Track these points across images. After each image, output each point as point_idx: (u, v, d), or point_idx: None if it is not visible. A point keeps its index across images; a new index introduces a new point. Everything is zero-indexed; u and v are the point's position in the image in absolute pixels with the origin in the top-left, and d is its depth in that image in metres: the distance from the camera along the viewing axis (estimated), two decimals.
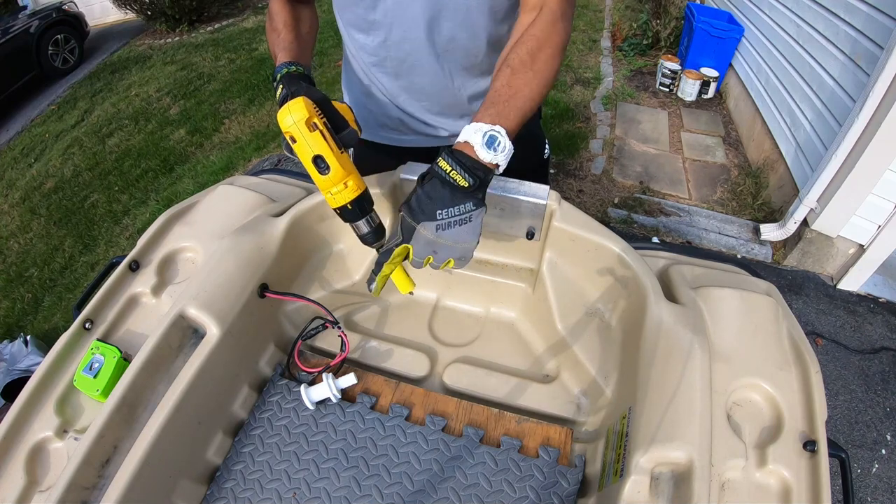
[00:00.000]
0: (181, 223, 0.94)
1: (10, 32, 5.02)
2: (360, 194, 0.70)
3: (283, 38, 0.84)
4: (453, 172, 0.62)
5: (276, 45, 0.84)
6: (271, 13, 0.89)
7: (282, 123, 0.65)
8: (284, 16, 0.87)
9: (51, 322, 2.60)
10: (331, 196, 0.70)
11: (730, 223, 2.70)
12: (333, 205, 0.71)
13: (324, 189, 0.69)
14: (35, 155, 4.17)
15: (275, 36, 0.86)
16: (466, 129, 0.65)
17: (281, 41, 0.84)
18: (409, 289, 0.75)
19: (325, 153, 0.66)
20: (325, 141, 0.66)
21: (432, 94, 0.96)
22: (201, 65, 5.05)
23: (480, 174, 0.63)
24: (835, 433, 1.85)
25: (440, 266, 0.67)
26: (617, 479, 0.64)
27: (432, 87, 0.94)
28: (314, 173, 0.67)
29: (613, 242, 0.80)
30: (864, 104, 1.95)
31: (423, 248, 0.65)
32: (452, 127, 1.03)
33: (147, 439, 0.64)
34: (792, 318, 0.78)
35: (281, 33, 0.85)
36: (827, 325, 2.22)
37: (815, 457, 0.62)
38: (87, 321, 0.81)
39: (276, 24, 0.87)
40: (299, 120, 0.63)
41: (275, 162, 3.35)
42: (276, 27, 0.86)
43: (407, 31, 0.85)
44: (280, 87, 0.75)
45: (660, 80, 3.85)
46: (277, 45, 0.84)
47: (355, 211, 0.71)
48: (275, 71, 0.79)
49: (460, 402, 0.82)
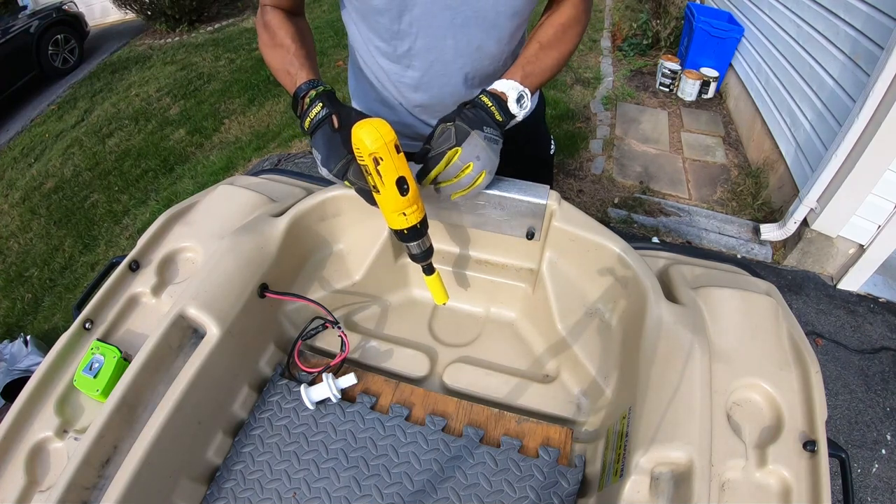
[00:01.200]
0: (181, 223, 0.94)
1: (10, 32, 5.02)
2: (424, 214, 0.74)
3: (295, 54, 0.82)
4: (493, 108, 0.76)
5: (288, 61, 0.81)
6: (270, 27, 0.86)
7: (368, 142, 0.64)
8: (289, 29, 0.85)
9: (51, 322, 2.60)
10: (404, 217, 0.71)
11: (730, 223, 2.70)
12: (404, 225, 0.72)
13: (398, 210, 0.70)
14: (35, 155, 4.16)
15: (282, 52, 0.83)
16: (503, 83, 0.78)
17: (294, 57, 0.81)
18: (445, 300, 0.82)
19: (407, 174, 0.68)
20: (405, 162, 0.68)
21: (450, 104, 0.96)
22: (201, 65, 5.05)
23: (507, 118, 0.78)
24: (835, 433, 1.85)
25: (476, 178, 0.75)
26: (617, 479, 0.64)
27: (452, 97, 0.94)
28: (394, 195, 0.68)
29: (613, 242, 0.80)
30: (864, 104, 1.95)
31: (469, 153, 0.74)
32: None
33: (147, 439, 0.64)
34: (792, 318, 0.78)
35: (290, 49, 0.82)
36: (827, 325, 2.22)
37: (815, 457, 0.62)
38: (87, 321, 0.81)
39: (281, 39, 0.84)
40: (390, 141, 0.65)
41: (275, 162, 3.35)
42: (280, 42, 0.84)
43: (433, 40, 0.85)
44: (319, 105, 0.74)
45: (660, 80, 3.85)
46: (290, 61, 0.81)
47: (421, 230, 0.74)
48: (300, 89, 0.77)
49: (460, 402, 0.82)
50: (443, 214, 0.92)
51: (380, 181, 0.67)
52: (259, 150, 3.56)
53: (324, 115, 0.73)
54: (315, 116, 0.73)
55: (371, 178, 0.67)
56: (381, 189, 0.68)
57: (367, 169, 0.67)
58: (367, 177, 0.68)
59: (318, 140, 0.73)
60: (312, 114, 0.74)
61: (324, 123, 0.73)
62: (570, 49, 0.87)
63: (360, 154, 0.66)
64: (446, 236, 0.96)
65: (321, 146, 0.73)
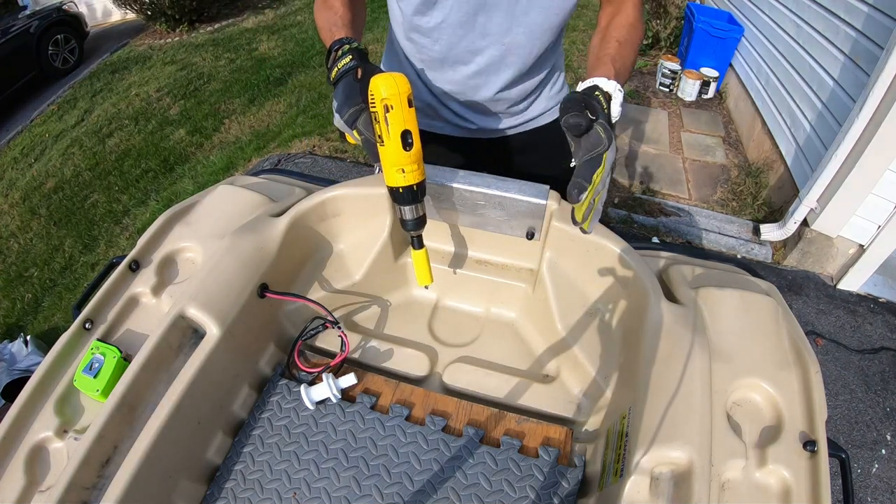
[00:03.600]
0: (181, 223, 0.94)
1: (10, 32, 5.03)
2: (424, 178, 0.74)
3: (342, 16, 0.86)
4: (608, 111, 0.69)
5: (333, 21, 0.85)
6: None
7: (383, 90, 0.64)
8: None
9: (51, 322, 2.60)
10: (403, 174, 0.71)
11: (730, 223, 2.70)
12: (401, 182, 0.72)
13: (398, 164, 0.70)
14: (35, 155, 4.17)
15: (331, 13, 0.87)
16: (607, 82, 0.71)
17: (339, 18, 0.85)
18: (429, 281, 0.80)
19: (414, 130, 0.68)
20: (416, 119, 0.68)
21: (468, 89, 0.98)
22: (201, 65, 5.05)
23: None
24: (835, 433, 1.85)
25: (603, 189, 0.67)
26: (617, 479, 0.64)
27: (473, 79, 0.95)
28: (397, 147, 0.68)
29: (613, 242, 0.80)
30: (864, 104, 1.95)
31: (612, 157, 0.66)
32: (481, 122, 1.05)
33: (147, 439, 0.64)
34: (792, 318, 0.78)
35: (338, 11, 0.86)
36: (827, 325, 2.22)
37: (815, 457, 0.62)
38: (87, 321, 0.81)
39: (332, 3, 0.88)
40: (403, 92, 0.65)
41: (275, 162, 3.35)
42: (331, 5, 0.88)
43: (466, 16, 0.86)
44: (349, 58, 0.75)
45: (660, 80, 3.85)
46: (334, 21, 0.85)
47: (417, 194, 0.74)
48: (336, 42, 0.79)
49: (460, 402, 0.82)
50: (443, 214, 0.92)
51: (386, 130, 0.67)
52: (259, 150, 3.56)
53: (350, 67, 0.74)
54: (343, 67, 0.74)
55: (378, 126, 0.68)
56: (386, 140, 0.68)
57: (377, 116, 0.67)
58: (374, 125, 0.69)
59: (339, 88, 0.74)
60: (341, 64, 0.75)
61: (349, 74, 0.74)
62: (638, 49, 0.87)
63: (374, 101, 0.66)
64: (446, 236, 0.96)
65: (340, 94, 0.74)
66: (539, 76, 1.00)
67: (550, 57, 0.99)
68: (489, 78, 0.95)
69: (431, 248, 0.97)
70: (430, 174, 0.83)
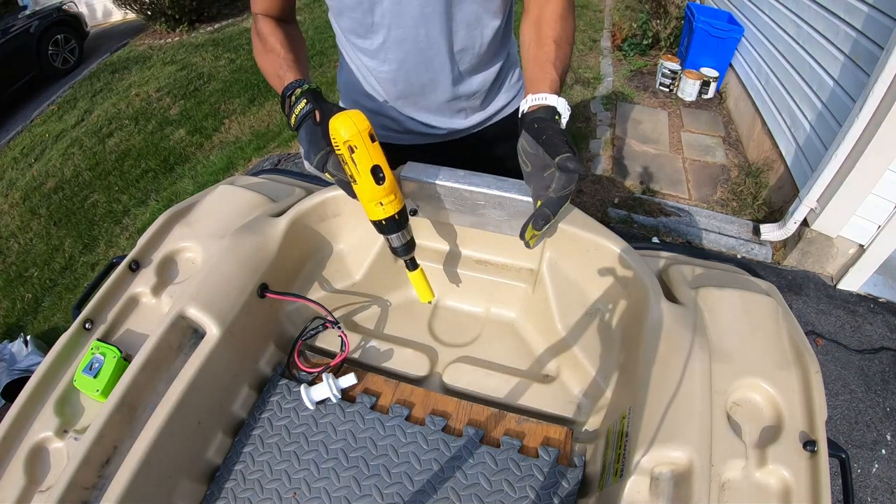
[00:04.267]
0: (181, 223, 0.94)
1: (10, 32, 5.03)
2: (403, 205, 0.75)
3: (285, 58, 0.84)
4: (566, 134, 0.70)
5: (278, 65, 0.84)
6: (262, 35, 0.89)
7: (343, 132, 0.65)
8: (280, 36, 0.88)
9: (51, 322, 2.60)
10: (381, 207, 0.72)
11: (730, 223, 2.70)
12: (382, 215, 0.73)
13: (375, 199, 0.71)
14: (35, 155, 4.17)
15: (273, 57, 0.85)
16: (560, 102, 0.74)
17: (283, 60, 0.84)
18: (430, 298, 0.83)
19: (382, 163, 0.69)
20: (381, 152, 0.69)
21: (429, 96, 0.98)
22: (201, 65, 5.05)
23: None
24: (835, 433, 1.85)
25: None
26: (617, 479, 0.64)
27: (430, 88, 0.96)
28: (370, 183, 0.69)
29: (613, 242, 0.80)
30: (864, 104, 1.95)
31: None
32: (447, 124, 1.05)
33: (147, 439, 0.64)
34: (792, 318, 0.78)
35: (280, 53, 0.85)
36: (827, 325, 2.22)
37: (815, 457, 0.62)
38: (87, 321, 0.81)
39: (272, 44, 0.87)
40: (363, 130, 0.66)
41: (275, 162, 3.35)
42: (271, 48, 0.86)
43: (405, 30, 0.86)
44: (304, 102, 0.75)
45: (660, 80, 3.85)
46: (279, 64, 0.84)
47: (400, 221, 0.75)
48: (287, 87, 0.79)
49: (460, 402, 0.82)
50: (442, 214, 0.92)
51: (355, 170, 0.68)
52: (259, 150, 3.56)
53: (308, 111, 0.74)
54: (300, 112, 0.74)
55: (347, 167, 0.68)
56: (358, 178, 0.69)
57: (343, 158, 0.68)
58: (344, 167, 0.69)
59: (301, 135, 0.75)
60: (297, 110, 0.75)
61: (308, 118, 0.74)
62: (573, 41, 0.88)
63: (336, 143, 0.67)
64: (446, 236, 0.96)
65: (304, 140, 0.74)
66: (494, 68, 1.00)
67: (501, 49, 0.99)
68: (443, 80, 0.95)
69: (432, 247, 0.97)
70: (430, 175, 0.83)
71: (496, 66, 1.00)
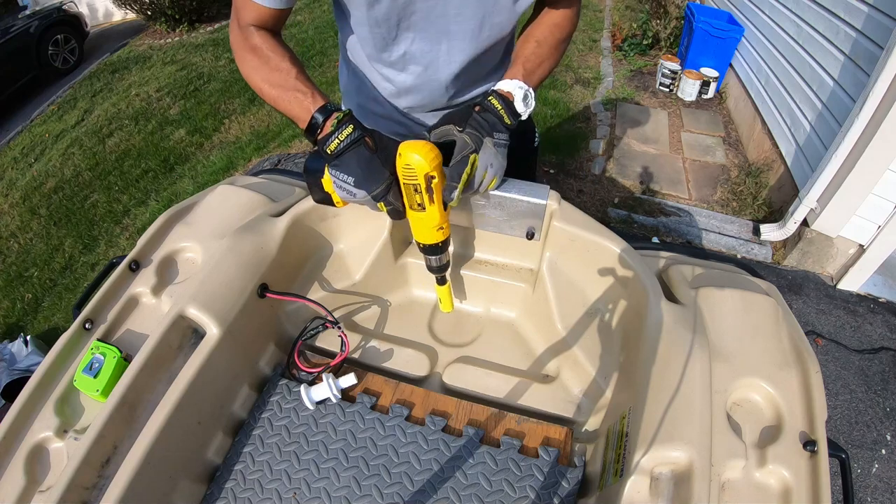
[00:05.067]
0: (181, 223, 0.94)
1: (10, 32, 5.03)
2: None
3: (298, 77, 0.76)
4: (503, 111, 0.77)
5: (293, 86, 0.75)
6: (259, 50, 0.79)
7: (425, 163, 0.67)
8: (285, 52, 0.79)
9: (51, 322, 2.60)
10: (441, 230, 0.76)
11: (730, 223, 2.70)
12: (440, 238, 0.77)
13: (437, 224, 0.75)
14: (35, 155, 4.16)
15: (281, 75, 0.77)
16: (509, 83, 0.79)
17: (299, 81, 0.76)
18: (451, 308, 0.89)
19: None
20: None
21: (441, 105, 0.99)
22: (201, 65, 5.04)
23: (514, 119, 0.79)
24: (835, 433, 1.85)
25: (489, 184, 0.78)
26: (617, 479, 0.64)
27: (443, 97, 0.97)
28: (439, 210, 0.73)
29: (613, 242, 0.80)
30: (864, 104, 1.95)
31: (485, 160, 0.75)
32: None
33: (147, 439, 0.64)
34: (792, 317, 0.78)
35: (291, 73, 0.76)
36: (827, 325, 2.22)
37: (815, 457, 0.62)
38: (87, 321, 0.81)
39: (277, 63, 0.78)
40: (437, 157, 0.69)
41: (275, 162, 3.35)
42: (277, 66, 0.77)
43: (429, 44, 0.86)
44: (350, 128, 0.70)
45: (660, 80, 3.85)
46: (295, 85, 0.75)
47: (447, 241, 0.79)
48: (321, 111, 0.72)
49: (460, 402, 0.82)
50: None
51: (428, 199, 0.70)
52: (259, 150, 3.56)
53: (357, 137, 0.69)
54: (346, 138, 0.69)
55: (419, 196, 0.70)
56: (428, 206, 0.71)
57: (418, 188, 0.69)
58: (411, 196, 0.71)
59: (349, 162, 0.70)
60: (343, 135, 0.69)
61: (356, 145, 0.70)
62: (564, 47, 0.90)
63: (413, 174, 0.68)
64: None
65: (355, 168, 0.69)
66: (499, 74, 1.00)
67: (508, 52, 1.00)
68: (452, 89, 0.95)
69: None
70: None
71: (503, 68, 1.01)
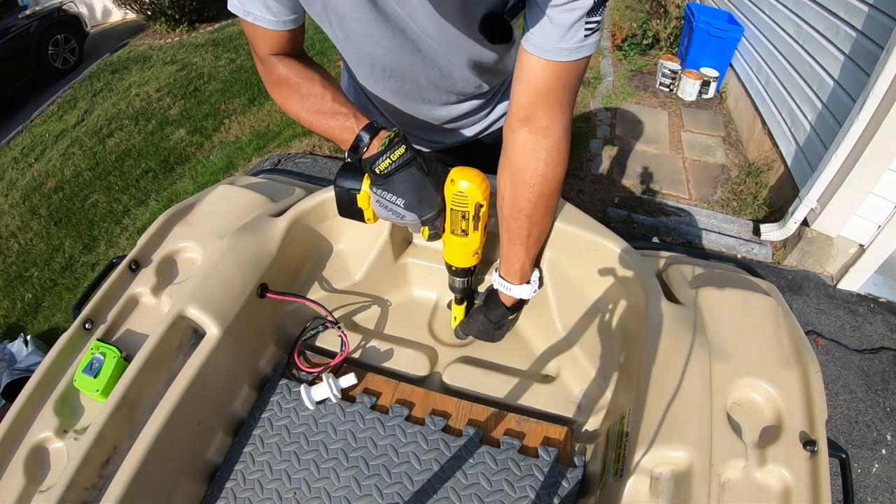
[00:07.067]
0: (181, 223, 0.94)
1: (10, 33, 5.03)
2: None
3: (336, 98, 0.74)
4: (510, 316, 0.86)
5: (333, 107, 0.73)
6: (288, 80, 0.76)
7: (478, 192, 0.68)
8: (315, 74, 0.76)
9: (51, 322, 2.60)
10: (476, 255, 0.78)
11: (730, 223, 2.70)
12: (475, 262, 0.79)
13: (477, 249, 0.77)
14: (35, 155, 4.16)
15: (316, 100, 0.74)
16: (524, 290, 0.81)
17: (339, 103, 0.73)
18: None
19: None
20: None
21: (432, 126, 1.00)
22: (201, 65, 5.04)
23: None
24: (835, 433, 1.85)
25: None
26: (617, 479, 0.64)
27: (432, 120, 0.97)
28: (481, 237, 0.74)
29: (613, 242, 0.80)
30: (864, 104, 1.95)
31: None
32: (450, 139, 1.07)
33: (147, 439, 0.64)
34: (792, 317, 0.78)
35: (326, 96, 0.73)
36: (827, 325, 2.22)
37: (815, 457, 0.62)
38: (87, 321, 0.81)
39: (309, 88, 0.74)
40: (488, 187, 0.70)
41: (275, 162, 3.35)
42: (310, 92, 0.74)
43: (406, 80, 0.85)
44: (402, 148, 0.68)
45: (660, 80, 3.85)
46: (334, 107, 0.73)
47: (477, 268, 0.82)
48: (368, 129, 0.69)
49: (460, 402, 0.82)
50: None
51: (473, 226, 0.71)
52: (259, 150, 3.56)
53: (409, 158, 0.68)
54: (398, 158, 0.67)
55: (465, 222, 0.70)
56: (471, 233, 0.72)
57: (466, 215, 0.70)
58: (457, 221, 0.71)
59: (400, 182, 0.68)
60: (395, 155, 0.67)
61: (409, 166, 0.68)
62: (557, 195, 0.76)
63: (465, 201, 0.68)
64: None
65: (408, 190, 0.68)
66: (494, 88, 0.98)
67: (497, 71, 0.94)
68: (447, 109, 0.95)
69: (432, 247, 0.97)
70: None
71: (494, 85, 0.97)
